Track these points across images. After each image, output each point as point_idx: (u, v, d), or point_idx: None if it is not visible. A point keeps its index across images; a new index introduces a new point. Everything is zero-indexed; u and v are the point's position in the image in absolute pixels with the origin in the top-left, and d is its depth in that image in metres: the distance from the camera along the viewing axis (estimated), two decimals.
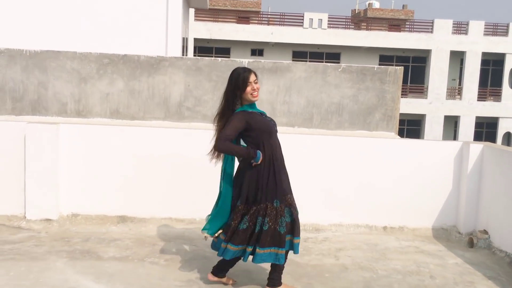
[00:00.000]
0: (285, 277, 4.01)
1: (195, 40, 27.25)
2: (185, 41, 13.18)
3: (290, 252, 4.57)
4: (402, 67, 5.61)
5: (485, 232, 5.12)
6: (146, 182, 5.27)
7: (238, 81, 3.56)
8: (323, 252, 4.71)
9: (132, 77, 5.41)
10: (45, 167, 5.02)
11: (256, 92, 3.59)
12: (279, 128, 3.84)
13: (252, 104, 3.65)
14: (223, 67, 5.49)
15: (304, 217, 5.33)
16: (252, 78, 3.57)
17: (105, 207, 5.23)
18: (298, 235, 3.66)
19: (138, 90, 5.45)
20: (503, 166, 4.91)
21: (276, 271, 3.69)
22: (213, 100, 5.51)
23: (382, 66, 5.59)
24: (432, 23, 28.59)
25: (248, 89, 3.55)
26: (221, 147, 3.51)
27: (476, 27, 28.34)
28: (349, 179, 5.38)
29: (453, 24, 28.60)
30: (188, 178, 5.27)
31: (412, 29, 30.75)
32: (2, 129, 4.89)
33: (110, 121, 5.46)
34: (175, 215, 5.33)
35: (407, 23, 34.00)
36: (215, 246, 3.74)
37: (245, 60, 5.44)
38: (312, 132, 5.64)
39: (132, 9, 10.58)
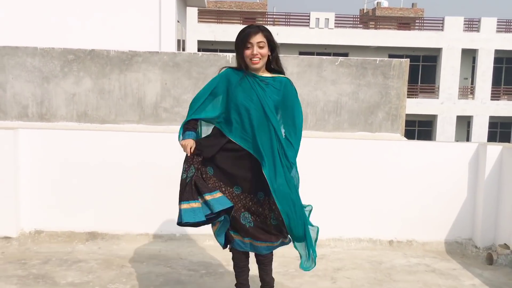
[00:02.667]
0: None
1: (199, 42, 26.72)
2: (181, 43, 12.58)
3: (279, 274, 3.96)
4: (408, 59, 4.95)
5: (506, 246, 4.45)
6: (120, 193, 4.68)
7: (237, 41, 2.86)
8: (319, 273, 4.06)
9: (102, 75, 4.81)
10: (3, 178, 4.44)
11: (256, 58, 2.80)
12: None
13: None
14: (205, 62, 4.87)
15: None
16: (255, 39, 2.80)
17: (73, 223, 4.65)
18: None
19: (108, 89, 4.85)
20: None
21: None
22: None
23: (385, 59, 4.94)
24: (443, 21, 27.82)
25: (248, 52, 2.82)
26: None
27: (489, 24, 27.51)
28: (350, 187, 4.74)
29: (465, 21, 27.79)
30: (167, 189, 4.66)
31: (422, 28, 30.02)
32: None
33: (77, 125, 4.87)
34: (153, 230, 4.73)
35: (416, 21, 33.24)
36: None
37: (229, 55, 4.83)
38: (306, 134, 5.00)
39: (122, 7, 10.03)
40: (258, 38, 2.80)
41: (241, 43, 2.82)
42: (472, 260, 4.55)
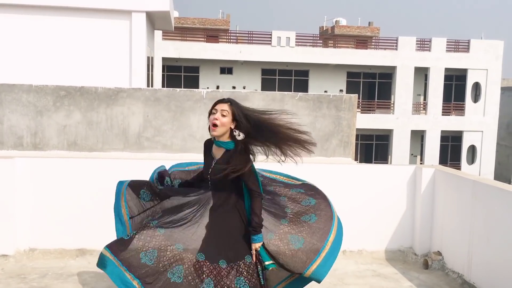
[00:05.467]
0: None
1: (164, 59, 27.25)
2: (150, 60, 13.25)
3: None
4: (356, 94, 5.79)
5: (439, 253, 5.28)
6: (105, 214, 5.21)
7: (210, 110, 3.15)
8: None
9: (90, 109, 5.42)
10: (1, 202, 4.96)
11: (214, 122, 3.03)
12: None
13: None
14: (182, 97, 5.56)
15: None
16: (220, 106, 3.06)
17: (64, 241, 5.19)
18: None
19: (96, 121, 5.46)
20: (453, 189, 5.10)
21: None
22: (173, 130, 5.57)
23: (337, 94, 5.75)
24: (397, 40, 29.34)
25: (211, 117, 3.08)
26: None
27: (439, 43, 29.21)
28: None
29: (417, 41, 29.39)
30: None
31: (377, 46, 31.47)
32: None
33: (67, 153, 5.44)
34: None
35: (373, 39, 34.77)
36: None
37: (203, 90, 5.52)
38: (271, 159, 5.73)
39: (94, 37, 10.56)
40: (224, 106, 3.07)
41: (210, 109, 3.11)
42: (411, 265, 5.36)
